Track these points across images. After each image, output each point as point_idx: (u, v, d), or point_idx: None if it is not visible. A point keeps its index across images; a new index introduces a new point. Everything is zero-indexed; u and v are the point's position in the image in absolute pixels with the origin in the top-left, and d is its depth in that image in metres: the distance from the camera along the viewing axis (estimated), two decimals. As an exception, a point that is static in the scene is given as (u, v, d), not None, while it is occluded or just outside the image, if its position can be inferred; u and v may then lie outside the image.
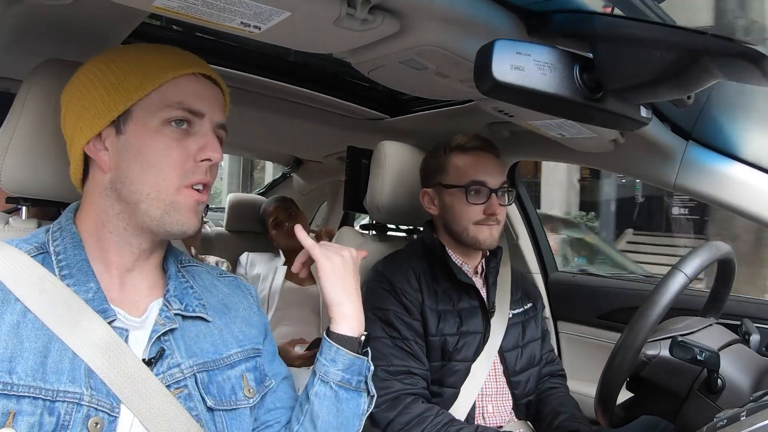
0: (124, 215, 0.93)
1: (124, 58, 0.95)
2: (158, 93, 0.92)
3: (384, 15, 1.08)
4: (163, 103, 0.92)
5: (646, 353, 1.32)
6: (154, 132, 0.91)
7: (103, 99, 0.92)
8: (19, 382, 0.79)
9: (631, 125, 1.10)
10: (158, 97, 0.92)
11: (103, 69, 0.94)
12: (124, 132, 0.92)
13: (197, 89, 0.96)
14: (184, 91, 0.94)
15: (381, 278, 1.65)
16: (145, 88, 0.91)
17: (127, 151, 0.92)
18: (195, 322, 0.99)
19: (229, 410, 0.97)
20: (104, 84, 0.92)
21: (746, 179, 1.47)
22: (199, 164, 0.94)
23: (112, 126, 0.92)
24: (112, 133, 0.93)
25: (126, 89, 0.91)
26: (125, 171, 0.92)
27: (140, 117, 0.92)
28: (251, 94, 2.07)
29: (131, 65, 0.93)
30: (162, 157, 0.91)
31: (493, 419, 1.64)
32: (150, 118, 0.92)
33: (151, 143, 0.91)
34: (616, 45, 0.91)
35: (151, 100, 0.92)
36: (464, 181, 1.66)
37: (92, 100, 0.93)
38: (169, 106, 0.92)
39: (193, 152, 0.93)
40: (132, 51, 0.96)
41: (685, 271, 1.28)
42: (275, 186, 3.95)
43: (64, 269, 0.90)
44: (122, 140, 0.92)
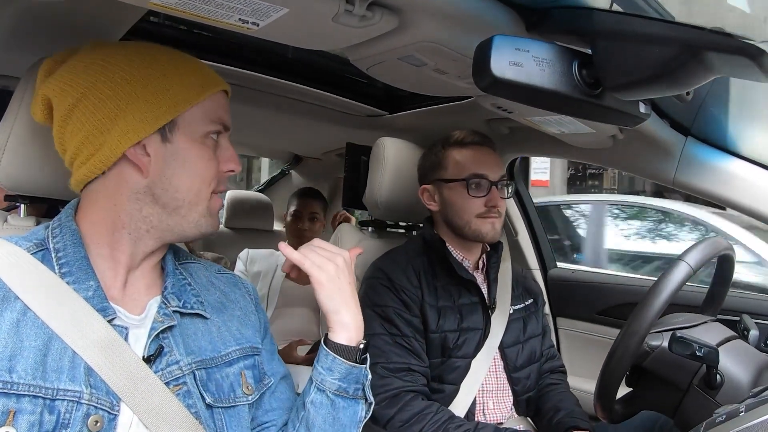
0: (153, 218, 0.95)
1: (161, 62, 0.96)
2: (200, 106, 0.97)
3: (382, 11, 1.08)
4: (206, 116, 0.97)
5: (649, 343, 1.33)
6: (200, 143, 0.97)
7: (149, 105, 0.92)
8: (19, 380, 0.79)
9: (630, 121, 1.10)
10: (201, 111, 0.97)
11: (140, 71, 0.94)
12: (171, 141, 0.94)
13: (226, 105, 1.03)
14: (220, 107, 1.00)
15: (380, 275, 1.65)
16: (191, 100, 0.95)
17: (174, 159, 0.94)
18: (193, 319, 1.00)
19: (228, 407, 0.98)
20: (146, 88, 0.93)
21: (745, 175, 1.47)
22: (224, 174, 1.01)
23: (156, 133, 0.93)
24: (156, 140, 0.94)
25: (173, 99, 0.93)
26: (170, 178, 0.94)
27: (186, 127, 0.95)
28: (250, 91, 2.07)
29: (173, 72, 0.95)
30: (205, 167, 0.97)
31: (494, 415, 1.64)
32: (195, 130, 0.96)
33: (197, 153, 0.96)
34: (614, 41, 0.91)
35: (195, 113, 0.96)
36: (465, 175, 1.66)
37: (132, 104, 0.92)
38: (213, 121, 0.98)
39: (222, 162, 1.00)
40: (163, 54, 0.97)
41: (689, 262, 1.28)
42: (273, 183, 3.95)
43: (64, 267, 0.89)
44: (169, 148, 0.94)
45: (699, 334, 1.29)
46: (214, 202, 1.00)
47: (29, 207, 1.22)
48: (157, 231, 0.96)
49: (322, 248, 1.07)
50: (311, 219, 2.87)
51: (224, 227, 3.51)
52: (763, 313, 1.78)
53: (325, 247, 1.08)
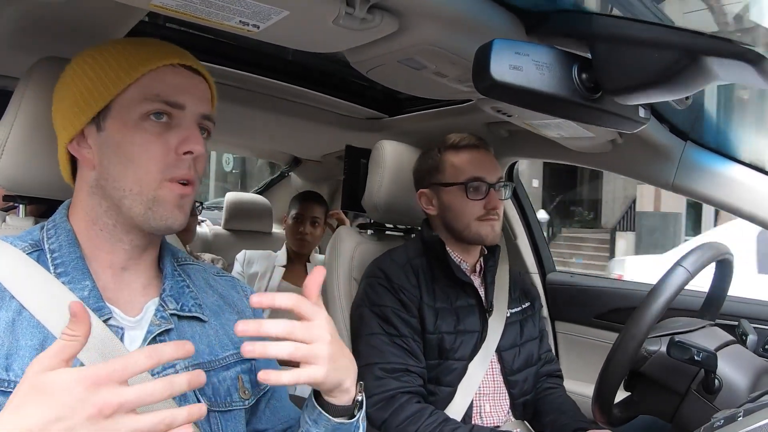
0: (111, 212, 0.92)
1: (103, 53, 0.93)
2: (136, 87, 0.90)
3: (383, 14, 1.08)
4: (141, 96, 0.90)
5: (647, 348, 1.33)
6: (133, 127, 0.89)
7: (83, 96, 0.91)
8: (15, 379, 0.79)
9: (630, 125, 1.10)
10: (136, 91, 0.90)
11: (82, 65, 0.93)
12: (104, 128, 0.91)
13: (177, 81, 0.93)
14: (162, 83, 0.91)
15: (379, 274, 1.65)
16: (122, 82, 0.90)
17: (107, 147, 0.91)
18: (191, 322, 0.99)
19: (224, 411, 0.97)
20: (83, 81, 0.92)
21: (744, 180, 1.47)
22: (181, 158, 0.91)
23: (93, 123, 0.91)
24: (93, 131, 0.92)
25: (104, 84, 0.90)
26: (107, 168, 0.91)
27: (119, 112, 0.90)
28: (250, 93, 2.07)
29: (109, 60, 0.92)
30: (142, 152, 0.89)
31: (491, 418, 1.64)
32: (128, 113, 0.90)
33: (130, 138, 0.89)
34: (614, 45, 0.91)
35: (130, 95, 0.90)
36: (462, 178, 1.66)
37: (73, 98, 0.92)
38: (147, 99, 0.89)
39: (174, 145, 0.90)
40: (112, 46, 0.95)
41: (687, 267, 1.28)
42: (273, 185, 3.95)
43: (59, 267, 0.89)
44: (102, 137, 0.91)
45: (697, 339, 1.29)
46: (167, 191, 0.90)
47: (28, 207, 1.22)
48: (123, 225, 0.92)
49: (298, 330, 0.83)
50: (312, 223, 2.85)
51: (223, 229, 3.52)
52: (762, 317, 1.78)
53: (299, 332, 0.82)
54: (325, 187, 3.53)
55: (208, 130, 0.98)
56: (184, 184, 0.92)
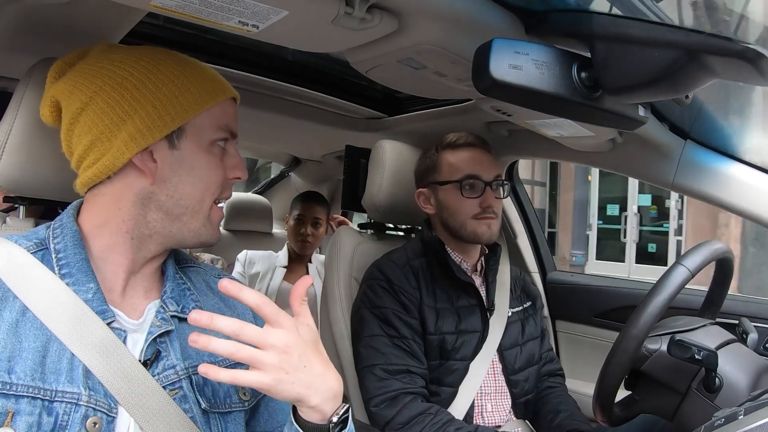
0: (156, 224, 0.94)
1: (170, 67, 0.95)
2: (208, 113, 0.95)
3: (382, 14, 1.08)
4: (214, 124, 0.96)
5: (648, 347, 1.33)
6: (207, 151, 0.96)
7: (157, 111, 0.91)
8: (18, 381, 0.79)
9: (629, 124, 1.10)
10: (209, 118, 0.96)
11: (149, 76, 0.93)
12: (179, 148, 0.94)
13: (233, 112, 1.01)
14: (228, 115, 0.99)
15: (379, 276, 1.65)
16: (199, 107, 0.94)
17: (180, 166, 0.94)
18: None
19: (224, 413, 0.97)
20: (155, 94, 0.92)
21: (744, 178, 1.47)
22: (229, 181, 1.00)
23: (164, 139, 0.93)
24: (164, 147, 0.93)
25: (182, 105, 0.93)
26: (176, 185, 0.94)
27: (193, 135, 0.95)
28: (249, 93, 2.07)
29: (182, 78, 0.94)
30: (211, 174, 0.96)
31: (492, 418, 1.64)
32: (202, 137, 0.95)
33: (204, 161, 0.95)
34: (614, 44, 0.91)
35: (202, 120, 0.95)
36: (458, 176, 1.66)
37: (140, 109, 0.91)
38: (220, 128, 0.97)
39: (227, 170, 0.99)
40: (172, 59, 0.97)
41: (688, 266, 1.28)
42: (273, 185, 3.95)
43: (64, 268, 0.89)
44: (176, 155, 0.93)
45: (698, 338, 1.29)
46: (215, 211, 0.99)
47: (28, 208, 1.22)
48: (160, 236, 0.96)
49: (248, 331, 0.80)
50: (314, 224, 2.85)
51: (223, 229, 3.51)
52: (762, 316, 1.78)
53: (249, 333, 0.80)
54: (325, 187, 3.53)
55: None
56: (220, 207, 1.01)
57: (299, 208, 2.87)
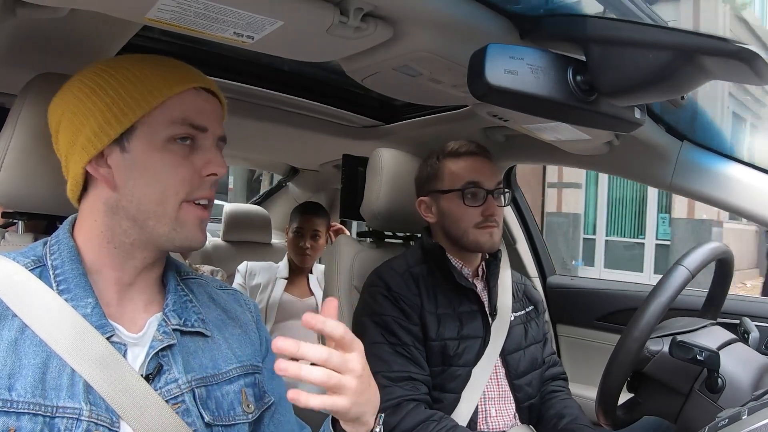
0: (131, 232, 0.92)
1: (120, 70, 0.92)
2: (162, 109, 0.90)
3: (377, 22, 1.08)
4: (168, 119, 0.90)
5: (650, 349, 1.33)
6: (161, 149, 0.90)
7: (104, 115, 0.89)
8: (18, 398, 0.79)
9: (626, 127, 1.10)
10: (162, 114, 0.90)
11: (99, 83, 0.91)
12: (129, 150, 0.90)
13: (199, 104, 0.94)
14: (188, 107, 0.92)
15: (380, 283, 1.65)
16: (148, 104, 0.90)
17: (133, 169, 0.90)
18: (194, 337, 0.98)
19: (228, 426, 0.96)
20: (102, 99, 0.90)
21: (741, 178, 1.48)
22: (204, 179, 0.93)
23: (115, 143, 0.90)
24: (115, 151, 0.91)
25: (128, 105, 0.89)
26: (132, 189, 0.90)
27: (145, 134, 0.90)
28: (245, 104, 2.07)
29: (130, 79, 0.91)
30: (169, 174, 0.90)
31: (496, 423, 1.64)
32: (155, 135, 0.90)
33: (157, 160, 0.90)
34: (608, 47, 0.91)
35: (155, 117, 0.90)
36: (460, 184, 1.66)
37: (90, 116, 0.90)
38: (174, 123, 0.90)
39: (198, 168, 0.92)
40: (127, 62, 0.94)
41: (687, 266, 1.28)
42: (271, 195, 3.95)
43: (62, 284, 0.89)
44: (127, 158, 0.90)
45: (699, 338, 1.29)
46: (187, 212, 0.92)
47: (27, 224, 1.22)
48: (141, 243, 0.93)
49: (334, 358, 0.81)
50: (313, 237, 2.84)
51: (222, 240, 3.51)
52: (763, 315, 1.78)
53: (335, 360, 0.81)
54: (323, 196, 3.53)
55: (220, 151, 0.99)
56: (204, 206, 0.95)
57: (298, 220, 2.85)
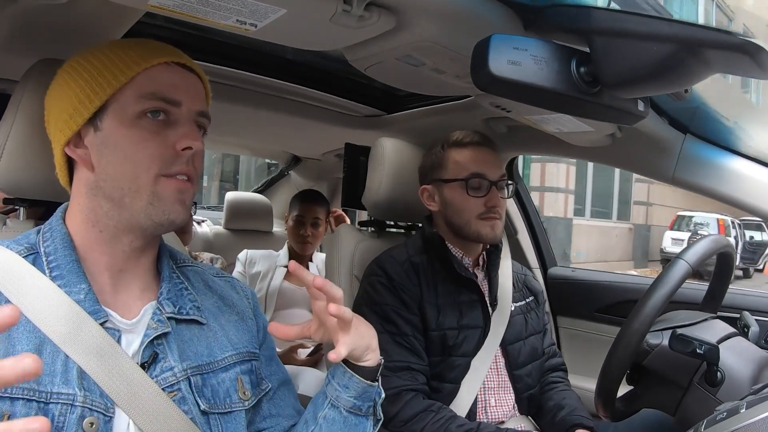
0: (112, 213, 0.91)
1: (97, 54, 0.93)
2: (131, 86, 0.90)
3: (380, 11, 1.08)
4: (137, 94, 0.90)
5: (649, 342, 1.33)
6: (130, 125, 0.90)
7: (78, 97, 0.91)
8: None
9: (629, 119, 1.10)
10: (132, 90, 0.90)
11: (76, 68, 0.93)
12: (101, 128, 0.91)
13: (172, 78, 0.94)
14: (157, 81, 0.92)
15: (380, 273, 1.65)
16: (117, 81, 0.90)
17: (105, 147, 0.90)
18: (189, 325, 0.98)
19: (224, 413, 0.96)
20: (78, 82, 0.91)
21: (744, 172, 1.47)
22: (180, 153, 0.92)
23: (89, 124, 0.91)
24: (90, 131, 0.91)
25: (99, 84, 0.90)
26: (105, 168, 0.90)
27: (115, 111, 0.90)
28: (248, 92, 2.07)
29: (103, 61, 0.92)
30: (140, 149, 0.89)
31: (496, 414, 1.64)
32: (125, 112, 0.90)
33: (128, 136, 0.90)
34: (612, 39, 0.91)
35: (125, 94, 0.90)
36: (464, 175, 1.66)
37: (68, 100, 0.92)
38: (143, 97, 0.90)
39: (172, 142, 0.91)
40: (106, 47, 0.95)
41: (688, 260, 1.28)
42: (273, 184, 3.95)
43: (55, 270, 0.89)
44: (99, 137, 0.91)
45: (699, 332, 1.29)
46: (164, 186, 0.91)
47: (28, 210, 1.22)
48: (124, 225, 0.92)
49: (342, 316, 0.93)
50: (314, 225, 2.84)
51: (223, 228, 3.51)
52: (764, 309, 1.78)
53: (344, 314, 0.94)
54: (324, 185, 3.53)
55: (204, 128, 0.98)
56: (184, 180, 0.93)
57: (298, 208, 2.86)
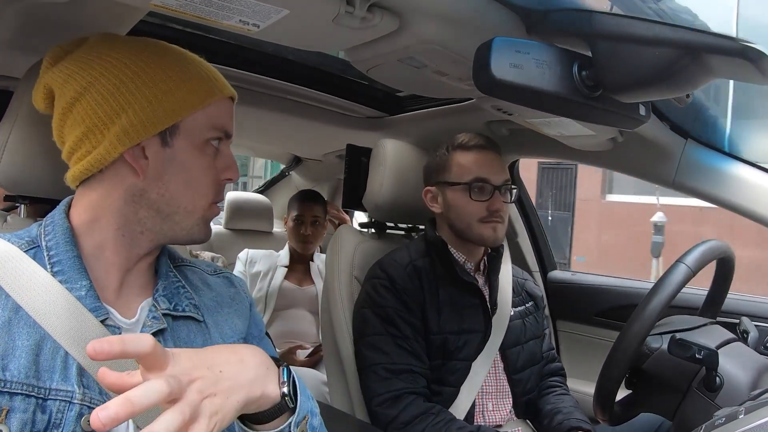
0: (147, 221, 0.93)
1: (168, 63, 0.93)
2: (204, 112, 0.93)
3: (383, 13, 1.08)
4: (209, 123, 0.94)
5: (649, 346, 1.33)
6: (200, 151, 0.94)
7: (152, 107, 0.89)
8: (12, 379, 0.79)
9: (630, 123, 1.10)
10: (203, 116, 0.93)
11: (146, 70, 0.91)
12: (171, 146, 0.92)
13: (230, 111, 0.99)
14: (224, 114, 0.97)
15: (383, 276, 1.65)
16: (195, 105, 0.92)
17: (172, 165, 0.92)
18: (186, 322, 0.98)
19: None
20: (152, 89, 0.90)
21: (744, 177, 1.47)
22: (222, 183, 0.98)
23: (157, 136, 0.91)
24: (156, 144, 0.91)
25: (177, 102, 0.91)
26: (167, 184, 0.92)
27: (187, 133, 0.92)
28: (250, 93, 2.07)
29: (179, 75, 0.92)
30: (203, 175, 0.94)
31: (493, 417, 1.64)
32: (197, 136, 0.93)
33: (196, 161, 0.93)
34: (614, 43, 0.91)
35: (198, 118, 0.93)
36: (467, 179, 1.66)
37: (135, 103, 0.89)
38: (215, 128, 0.95)
39: (218, 171, 0.97)
40: (171, 55, 0.95)
41: (689, 264, 1.28)
42: (274, 184, 3.95)
43: (56, 265, 0.88)
44: (168, 153, 0.92)
45: (698, 337, 1.29)
46: (211, 211, 0.98)
47: (29, 207, 1.22)
48: (151, 233, 0.94)
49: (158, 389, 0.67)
50: (313, 223, 2.86)
51: (224, 228, 3.52)
52: (763, 315, 1.78)
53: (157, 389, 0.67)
54: (325, 186, 3.53)
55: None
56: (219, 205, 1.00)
57: (297, 208, 2.87)
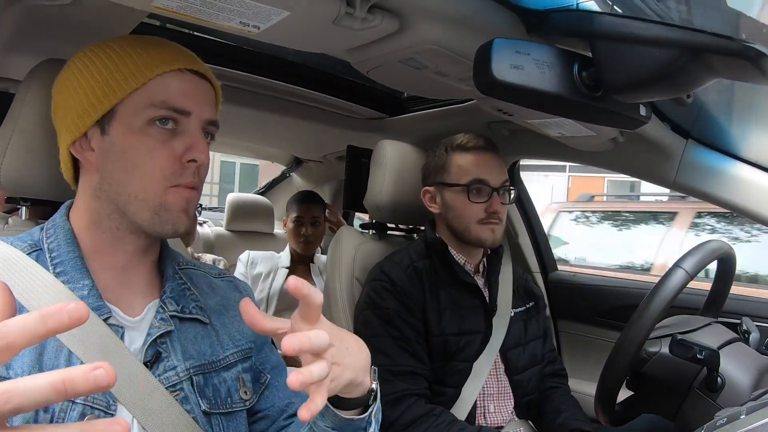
0: (115, 215, 0.91)
1: (108, 52, 0.91)
2: (142, 91, 0.88)
3: (383, 14, 1.08)
4: (148, 101, 0.88)
5: (648, 350, 1.33)
6: (139, 132, 0.88)
7: (88, 97, 0.89)
8: (15, 377, 0.79)
9: (631, 124, 1.10)
10: (142, 96, 0.88)
11: (87, 64, 0.91)
12: (108, 132, 0.89)
13: (184, 86, 0.91)
14: (169, 89, 0.89)
15: (383, 277, 1.65)
16: (129, 86, 0.88)
17: (111, 152, 0.89)
18: (192, 324, 0.98)
19: (225, 413, 0.96)
20: (88, 81, 0.90)
21: (745, 177, 1.47)
22: (186, 165, 0.90)
23: (97, 126, 0.90)
24: (97, 133, 0.90)
25: (110, 87, 0.88)
26: (111, 173, 0.89)
27: (124, 117, 0.89)
28: (250, 94, 2.08)
29: (115, 61, 0.89)
30: (147, 159, 0.88)
31: (495, 418, 1.64)
32: (134, 118, 0.88)
33: (135, 144, 0.88)
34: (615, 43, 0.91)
35: (135, 99, 0.88)
36: (466, 180, 1.66)
37: (77, 98, 0.90)
38: (154, 105, 0.88)
39: (179, 153, 0.89)
40: (117, 44, 0.92)
41: (686, 268, 1.28)
42: (274, 185, 3.95)
43: (59, 266, 0.89)
44: (107, 141, 0.89)
45: (700, 337, 1.29)
46: (173, 196, 0.89)
47: (31, 209, 1.22)
48: (127, 228, 0.92)
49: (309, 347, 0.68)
50: (313, 224, 2.86)
51: (225, 230, 3.52)
52: (764, 315, 1.78)
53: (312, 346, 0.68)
54: (326, 188, 3.53)
55: (212, 134, 0.97)
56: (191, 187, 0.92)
57: (296, 210, 2.87)
